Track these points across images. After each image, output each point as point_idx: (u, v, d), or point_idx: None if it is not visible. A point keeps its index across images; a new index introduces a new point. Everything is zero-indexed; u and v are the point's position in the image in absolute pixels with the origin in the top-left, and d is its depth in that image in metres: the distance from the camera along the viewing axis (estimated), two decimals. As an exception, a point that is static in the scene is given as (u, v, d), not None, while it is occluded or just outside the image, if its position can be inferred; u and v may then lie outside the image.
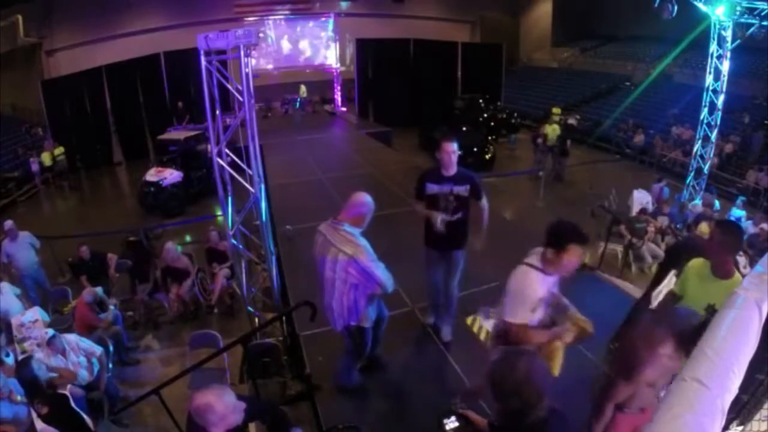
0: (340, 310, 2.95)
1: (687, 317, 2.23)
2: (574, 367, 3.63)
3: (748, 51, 11.39)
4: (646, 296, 3.73)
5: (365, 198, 3.01)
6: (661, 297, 3.51)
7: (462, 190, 3.54)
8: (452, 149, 3.50)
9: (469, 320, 4.31)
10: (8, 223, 6.21)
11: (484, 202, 3.63)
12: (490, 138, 14.25)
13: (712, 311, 2.39)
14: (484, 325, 4.25)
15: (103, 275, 6.55)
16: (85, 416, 3.61)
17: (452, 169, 3.53)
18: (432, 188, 3.56)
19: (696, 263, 2.62)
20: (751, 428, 1.92)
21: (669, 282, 3.46)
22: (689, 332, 2.07)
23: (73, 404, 3.63)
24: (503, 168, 13.25)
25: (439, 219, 3.46)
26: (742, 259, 3.68)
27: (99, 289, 5.56)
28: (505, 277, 4.52)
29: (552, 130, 12.21)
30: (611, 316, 4.15)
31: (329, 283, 2.91)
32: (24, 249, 6.23)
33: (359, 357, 3.29)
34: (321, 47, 18.27)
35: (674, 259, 3.52)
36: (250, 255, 5.45)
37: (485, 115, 16.06)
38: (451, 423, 1.58)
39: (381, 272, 2.83)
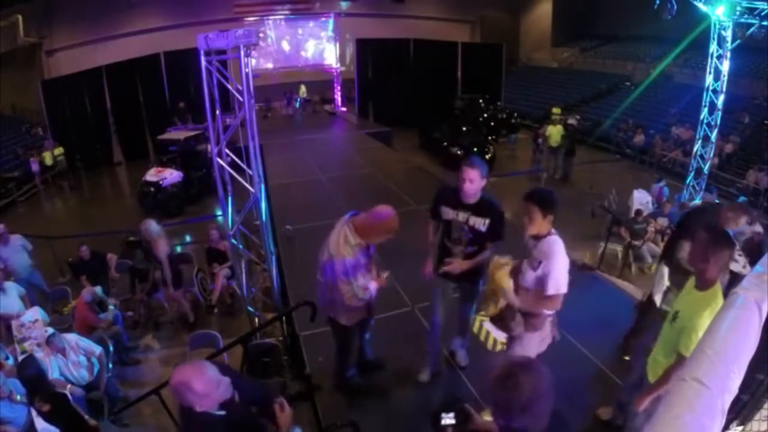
0: (324, 301, 2.96)
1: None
2: (572, 365, 3.65)
3: (748, 51, 11.38)
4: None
5: (384, 214, 2.74)
6: (660, 296, 3.53)
7: (480, 223, 2.95)
8: (471, 177, 2.84)
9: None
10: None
11: (490, 248, 3.00)
12: (490, 138, 14.27)
13: (674, 318, 2.36)
14: (485, 327, 4.25)
15: (103, 275, 6.54)
16: (85, 415, 3.61)
17: (472, 198, 2.94)
18: (447, 213, 3.05)
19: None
20: (751, 428, 1.93)
21: (663, 278, 3.49)
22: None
23: (72, 402, 3.64)
24: (503, 168, 13.24)
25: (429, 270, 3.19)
26: (741, 259, 3.66)
27: (98, 289, 5.56)
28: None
29: (557, 131, 12.19)
30: (611, 316, 4.16)
31: (319, 271, 2.88)
32: (17, 252, 6.16)
33: (344, 355, 3.27)
34: (321, 47, 18.28)
35: (685, 227, 3.57)
36: (250, 255, 5.46)
37: (485, 115, 16.06)
38: (448, 419, 1.56)
39: (348, 288, 2.72)
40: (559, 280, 2.45)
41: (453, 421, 1.55)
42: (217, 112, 4.39)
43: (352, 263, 2.72)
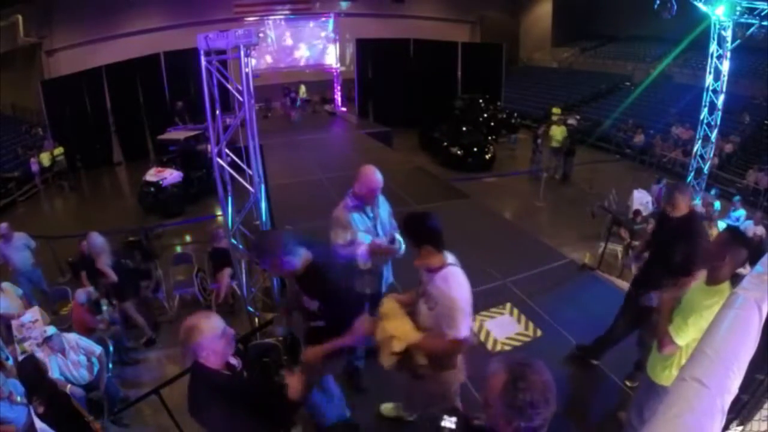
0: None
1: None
2: (572, 364, 3.65)
3: (748, 51, 11.40)
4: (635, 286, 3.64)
5: (364, 169, 2.94)
6: None
7: (308, 302, 2.39)
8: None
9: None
10: (2, 226, 6.21)
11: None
12: (490, 138, 14.29)
13: (678, 304, 2.40)
14: (485, 326, 4.25)
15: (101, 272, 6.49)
16: (89, 416, 3.61)
17: (298, 271, 2.34)
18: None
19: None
20: (751, 428, 1.92)
21: None
22: None
23: (75, 403, 3.63)
24: (503, 168, 13.26)
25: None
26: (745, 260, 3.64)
27: (91, 289, 5.52)
28: (506, 276, 4.47)
29: (560, 132, 12.20)
30: (611, 317, 4.14)
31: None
32: (19, 250, 6.22)
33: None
34: (321, 47, 18.28)
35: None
36: (251, 255, 5.46)
37: (485, 115, 16.07)
38: (450, 422, 1.56)
39: (347, 251, 2.83)
40: (458, 322, 2.13)
41: (453, 426, 1.55)
42: (217, 112, 4.40)
43: (344, 226, 2.91)
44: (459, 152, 12.88)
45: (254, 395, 1.97)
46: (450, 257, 2.24)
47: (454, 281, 2.14)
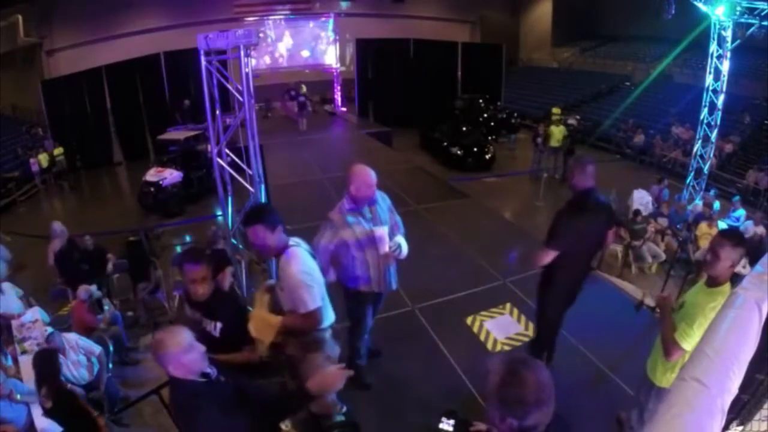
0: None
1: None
2: (572, 364, 3.65)
3: (748, 51, 11.39)
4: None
5: (367, 174, 2.94)
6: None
7: (210, 326, 2.58)
8: (195, 276, 2.51)
9: (469, 320, 4.31)
10: None
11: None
12: (490, 138, 14.28)
13: (680, 307, 2.40)
14: (485, 326, 4.25)
15: (101, 271, 6.49)
16: (94, 411, 3.62)
17: (201, 296, 2.57)
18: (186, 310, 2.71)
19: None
20: (751, 428, 1.92)
21: None
22: None
23: (81, 401, 3.64)
24: (503, 168, 13.26)
25: None
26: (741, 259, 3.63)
27: (94, 287, 5.53)
28: (506, 276, 4.47)
29: (559, 131, 12.19)
30: (611, 317, 4.16)
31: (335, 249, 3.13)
32: None
33: (359, 330, 3.31)
34: (321, 47, 18.29)
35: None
36: (251, 255, 5.46)
37: (485, 115, 16.08)
38: (448, 425, 1.56)
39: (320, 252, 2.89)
40: (304, 296, 2.32)
41: (451, 429, 1.55)
42: (217, 112, 4.40)
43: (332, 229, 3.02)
44: (459, 152, 12.88)
45: (237, 396, 1.97)
46: (293, 239, 2.43)
47: (295, 260, 2.33)
